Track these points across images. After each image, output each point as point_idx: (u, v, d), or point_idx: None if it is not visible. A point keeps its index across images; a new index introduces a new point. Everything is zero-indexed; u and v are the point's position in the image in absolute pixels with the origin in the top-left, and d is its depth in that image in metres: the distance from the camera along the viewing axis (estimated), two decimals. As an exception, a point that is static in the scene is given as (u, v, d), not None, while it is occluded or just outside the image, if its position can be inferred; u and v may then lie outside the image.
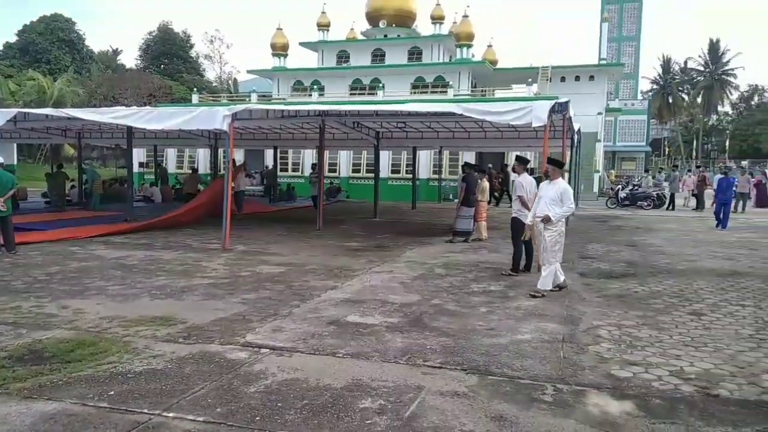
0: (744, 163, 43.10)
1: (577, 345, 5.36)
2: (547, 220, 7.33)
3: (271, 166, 25.50)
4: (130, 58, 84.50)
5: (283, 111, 14.27)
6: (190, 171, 21.80)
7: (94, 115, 13.00)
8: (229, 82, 62.60)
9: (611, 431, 3.59)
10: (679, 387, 4.34)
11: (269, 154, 26.59)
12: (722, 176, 17.90)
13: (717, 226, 16.46)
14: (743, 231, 15.97)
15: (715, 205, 17.13)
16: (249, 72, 39.18)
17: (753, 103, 69.22)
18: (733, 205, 21.69)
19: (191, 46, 64.56)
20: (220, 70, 65.06)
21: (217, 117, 11.31)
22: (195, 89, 40.66)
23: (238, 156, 31.34)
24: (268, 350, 5.06)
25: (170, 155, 31.24)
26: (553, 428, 3.62)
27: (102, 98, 42.42)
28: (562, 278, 7.68)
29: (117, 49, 66.83)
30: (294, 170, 29.63)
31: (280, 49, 36.28)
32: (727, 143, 61.21)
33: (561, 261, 7.67)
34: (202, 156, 29.80)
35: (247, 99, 31.14)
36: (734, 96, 68.61)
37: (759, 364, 4.85)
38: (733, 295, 7.63)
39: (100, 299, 6.87)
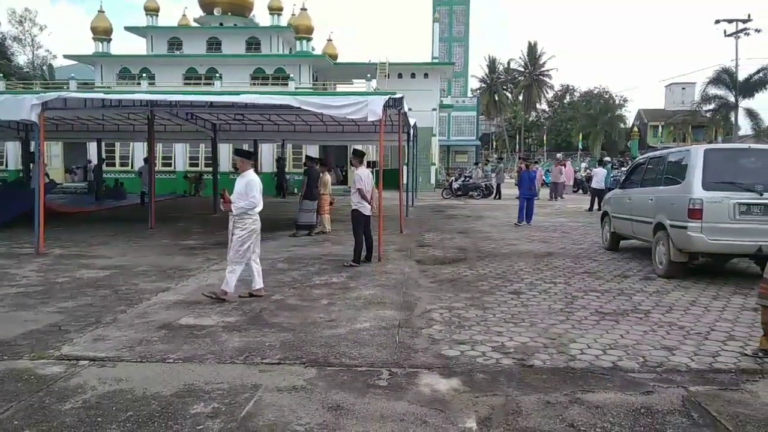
0: (559, 155, 48.09)
1: (412, 329, 5.60)
2: (229, 209, 6.81)
3: (95, 161, 23.36)
4: None
5: (104, 100, 13.07)
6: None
7: None
8: (44, 67, 55.97)
9: (440, 408, 3.79)
10: (500, 361, 4.72)
11: (93, 147, 24.33)
12: (524, 170, 16.43)
13: (519, 222, 15.01)
14: (557, 216, 17.84)
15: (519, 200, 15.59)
16: (66, 57, 35.40)
17: (565, 101, 77.47)
18: (548, 194, 24.15)
19: (-5, 26, 56.74)
20: (32, 55, 57.91)
21: (23, 106, 10.06)
22: (1, 75, 35.79)
23: (56, 150, 28.38)
24: (87, 362, 4.61)
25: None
26: (387, 411, 3.73)
27: None
28: (257, 285, 6.98)
29: None
30: (123, 165, 27.47)
31: (102, 33, 33.14)
32: (545, 137, 67.81)
33: (257, 262, 6.99)
34: (11, 150, 26.45)
35: (66, 87, 27.99)
36: (550, 95, 76.49)
37: (567, 335, 5.43)
38: (547, 274, 8.49)
39: None
